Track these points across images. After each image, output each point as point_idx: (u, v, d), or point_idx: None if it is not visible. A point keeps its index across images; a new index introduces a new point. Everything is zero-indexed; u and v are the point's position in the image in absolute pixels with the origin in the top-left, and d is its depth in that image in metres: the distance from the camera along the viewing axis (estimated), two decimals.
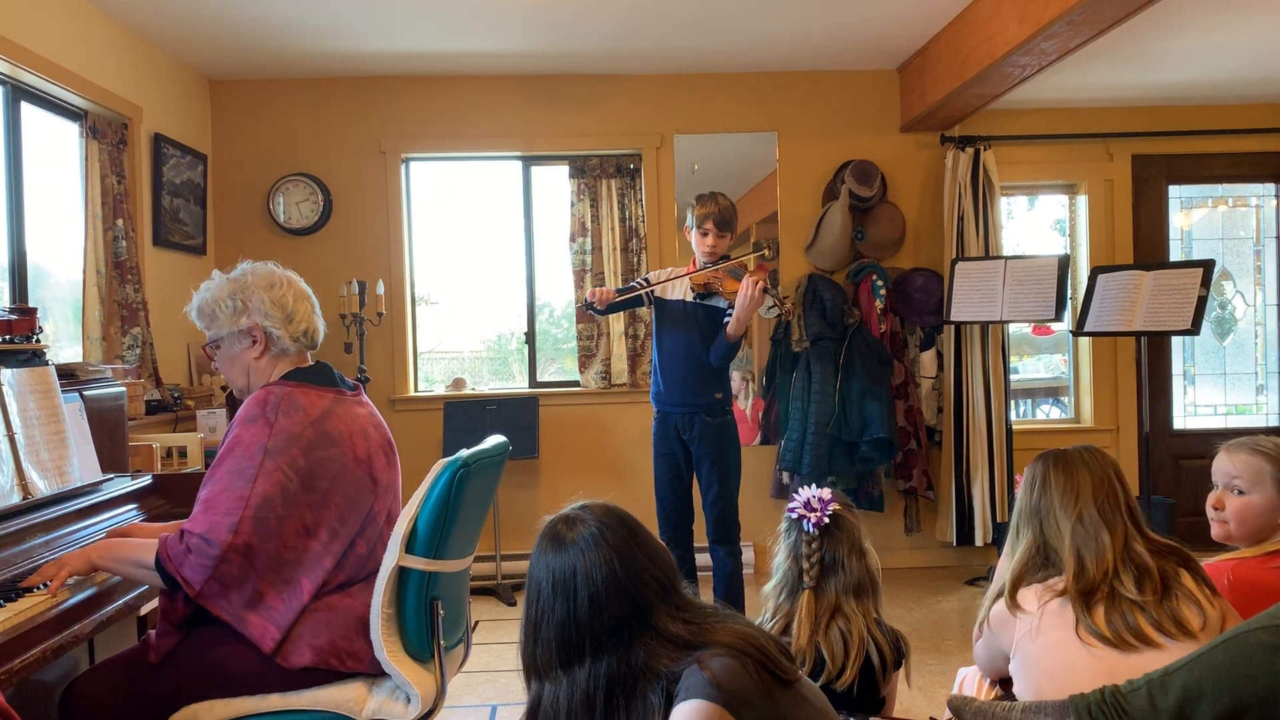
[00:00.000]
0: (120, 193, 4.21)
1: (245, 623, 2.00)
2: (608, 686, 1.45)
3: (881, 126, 5.49)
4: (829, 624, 2.02)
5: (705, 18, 4.51)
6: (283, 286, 2.21)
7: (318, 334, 2.28)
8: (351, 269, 5.28)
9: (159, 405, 4.19)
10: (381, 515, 2.21)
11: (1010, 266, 5.00)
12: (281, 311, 2.18)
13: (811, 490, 2.15)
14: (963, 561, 5.44)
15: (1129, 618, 1.78)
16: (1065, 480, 1.96)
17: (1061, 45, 3.92)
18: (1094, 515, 1.90)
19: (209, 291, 2.22)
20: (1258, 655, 1.31)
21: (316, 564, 2.06)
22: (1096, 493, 1.93)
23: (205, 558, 1.95)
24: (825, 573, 2.07)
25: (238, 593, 1.99)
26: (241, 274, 2.22)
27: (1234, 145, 5.69)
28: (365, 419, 2.23)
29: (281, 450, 2.02)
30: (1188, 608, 1.80)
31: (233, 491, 1.98)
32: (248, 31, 4.55)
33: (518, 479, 5.37)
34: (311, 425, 2.07)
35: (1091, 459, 1.98)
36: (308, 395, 2.12)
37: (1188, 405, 5.89)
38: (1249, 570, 2.02)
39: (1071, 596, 1.84)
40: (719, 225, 3.69)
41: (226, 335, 2.21)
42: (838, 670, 1.98)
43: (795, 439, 5.19)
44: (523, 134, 5.41)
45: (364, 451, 2.16)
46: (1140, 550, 1.87)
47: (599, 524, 1.53)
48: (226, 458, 2.03)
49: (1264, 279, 5.89)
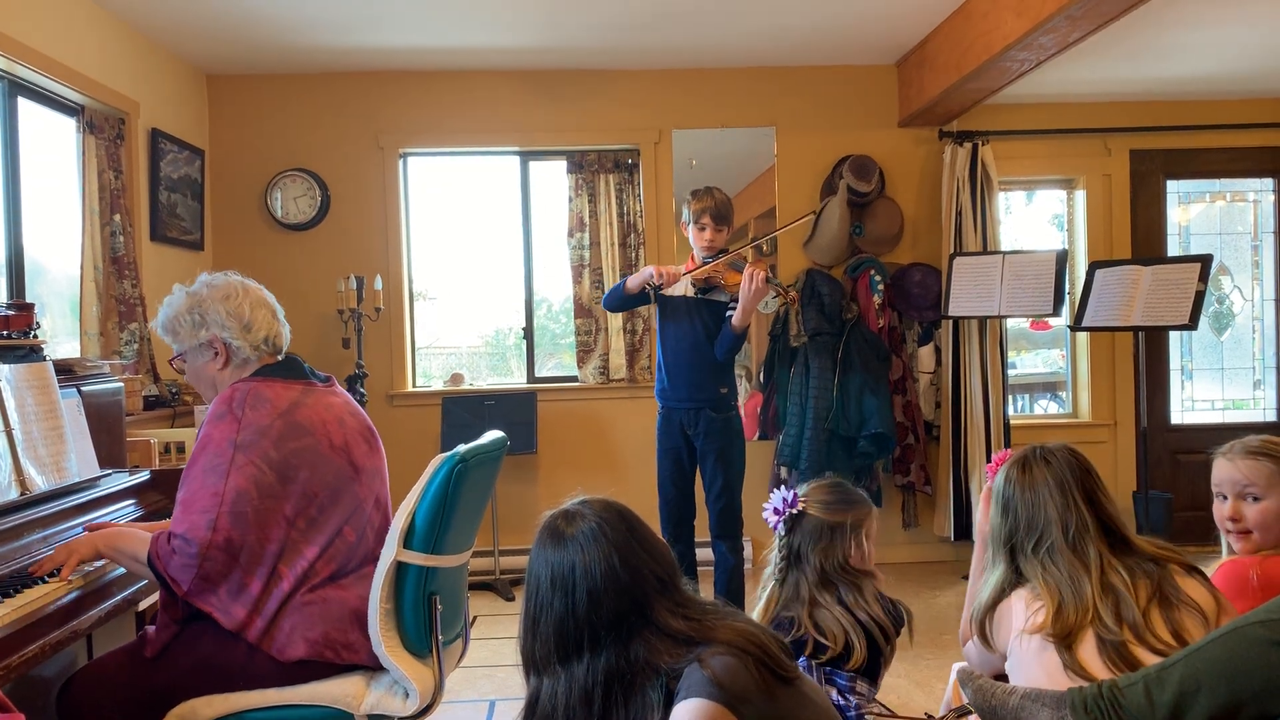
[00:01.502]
0: (117, 188, 4.20)
1: (234, 617, 2.02)
2: (606, 682, 1.45)
3: (879, 121, 5.48)
4: (811, 611, 2.14)
5: (703, 12, 4.50)
6: (238, 297, 2.23)
7: (280, 339, 2.29)
8: (349, 264, 5.27)
9: (157, 401, 4.19)
10: (368, 501, 2.22)
11: (1008, 261, 5.00)
12: (238, 322, 2.21)
13: (783, 492, 2.26)
14: (960, 556, 5.44)
15: (1117, 651, 1.70)
16: (1030, 513, 1.86)
17: (1060, 40, 3.92)
18: (1066, 556, 1.80)
19: (170, 308, 2.26)
20: (1255, 650, 1.32)
21: (295, 553, 2.07)
22: (1066, 529, 1.82)
23: (188, 557, 1.98)
24: (790, 567, 2.22)
25: (224, 587, 2.01)
26: (199, 287, 2.26)
27: (1232, 140, 5.69)
28: (340, 407, 2.25)
29: (252, 444, 2.04)
30: (1189, 618, 1.74)
31: (207, 489, 2.01)
32: (245, 26, 4.54)
33: (516, 474, 5.37)
34: (280, 417, 2.09)
35: (1059, 480, 1.86)
36: (274, 388, 2.14)
37: (1185, 400, 5.90)
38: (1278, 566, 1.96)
39: (1052, 640, 1.75)
40: (716, 219, 3.70)
41: (189, 349, 2.26)
42: (840, 650, 2.08)
43: (793, 434, 5.19)
44: (521, 129, 5.40)
45: (340, 439, 2.18)
46: (1115, 579, 1.77)
47: (598, 519, 1.53)
48: (199, 457, 2.06)
49: (1261, 274, 5.89)
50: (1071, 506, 1.84)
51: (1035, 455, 1.93)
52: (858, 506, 2.26)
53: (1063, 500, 1.85)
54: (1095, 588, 1.76)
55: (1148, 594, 1.76)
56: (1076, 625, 1.74)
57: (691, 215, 3.74)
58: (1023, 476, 1.91)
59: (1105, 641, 1.72)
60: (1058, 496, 1.86)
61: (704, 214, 3.70)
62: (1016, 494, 1.91)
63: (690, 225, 3.76)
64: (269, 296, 2.32)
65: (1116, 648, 1.71)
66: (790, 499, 2.24)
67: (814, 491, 2.27)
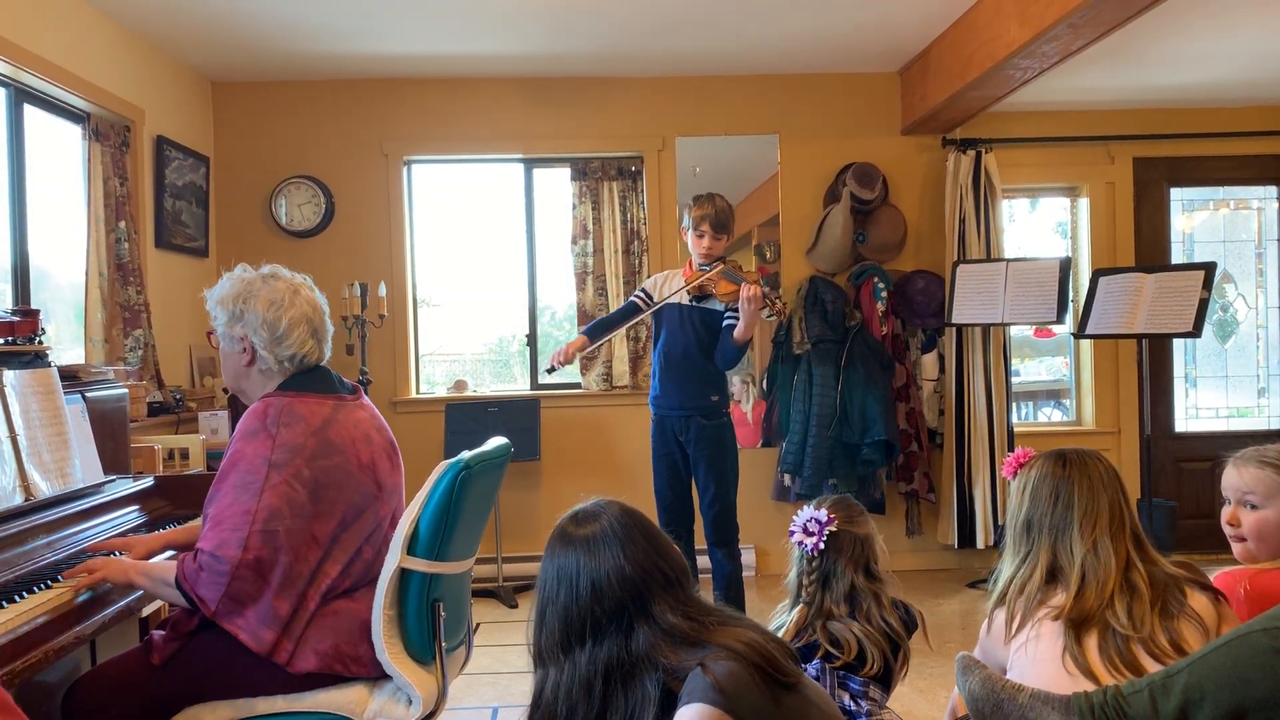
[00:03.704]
0: (122, 195, 4.21)
1: (263, 640, 1.98)
2: (606, 672, 1.47)
3: (883, 129, 5.49)
4: (826, 624, 2.13)
5: (706, 20, 4.51)
6: (282, 306, 2.15)
7: (313, 358, 2.22)
8: (353, 271, 5.28)
9: (161, 407, 4.20)
10: (386, 520, 2.21)
11: (1012, 269, 5.00)
12: (271, 333, 2.14)
13: (809, 511, 2.22)
14: (964, 564, 5.43)
15: (1121, 646, 1.74)
16: (1088, 501, 1.89)
17: (1062, 48, 3.92)
18: (1107, 544, 1.85)
19: (223, 287, 2.21)
20: (1259, 658, 1.31)
21: (321, 574, 2.06)
22: (1113, 519, 1.87)
23: (217, 575, 1.95)
24: (821, 588, 2.19)
25: (253, 609, 1.98)
26: (254, 279, 2.20)
27: (1235, 148, 5.69)
28: (367, 423, 2.23)
29: (286, 462, 2.02)
30: (1189, 629, 1.75)
31: (239, 506, 1.98)
32: (250, 34, 4.55)
33: (519, 481, 5.37)
34: (313, 435, 2.07)
35: (1107, 475, 1.92)
36: (307, 404, 2.11)
37: (1189, 408, 5.89)
38: (1270, 581, 1.97)
39: (1065, 622, 1.79)
40: (715, 227, 3.67)
41: (222, 334, 2.22)
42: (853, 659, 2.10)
43: (796, 441, 5.19)
44: (524, 136, 5.42)
45: (368, 457, 2.16)
46: (1137, 577, 1.82)
47: (613, 519, 1.55)
48: (230, 472, 2.03)
49: (1265, 281, 5.89)
50: (1119, 501, 1.90)
51: (1073, 453, 1.96)
52: (867, 515, 2.30)
53: (1112, 492, 1.90)
54: (1118, 579, 1.81)
55: (1156, 608, 1.78)
56: (1093, 611, 1.78)
57: (691, 221, 3.72)
58: (1066, 470, 1.94)
59: (1113, 634, 1.75)
60: (1109, 487, 1.91)
61: (704, 221, 3.67)
62: (1061, 483, 1.93)
63: (690, 231, 3.74)
64: (319, 310, 2.24)
65: (1121, 643, 1.73)
66: (823, 519, 2.20)
67: (831, 509, 2.25)
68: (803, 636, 2.14)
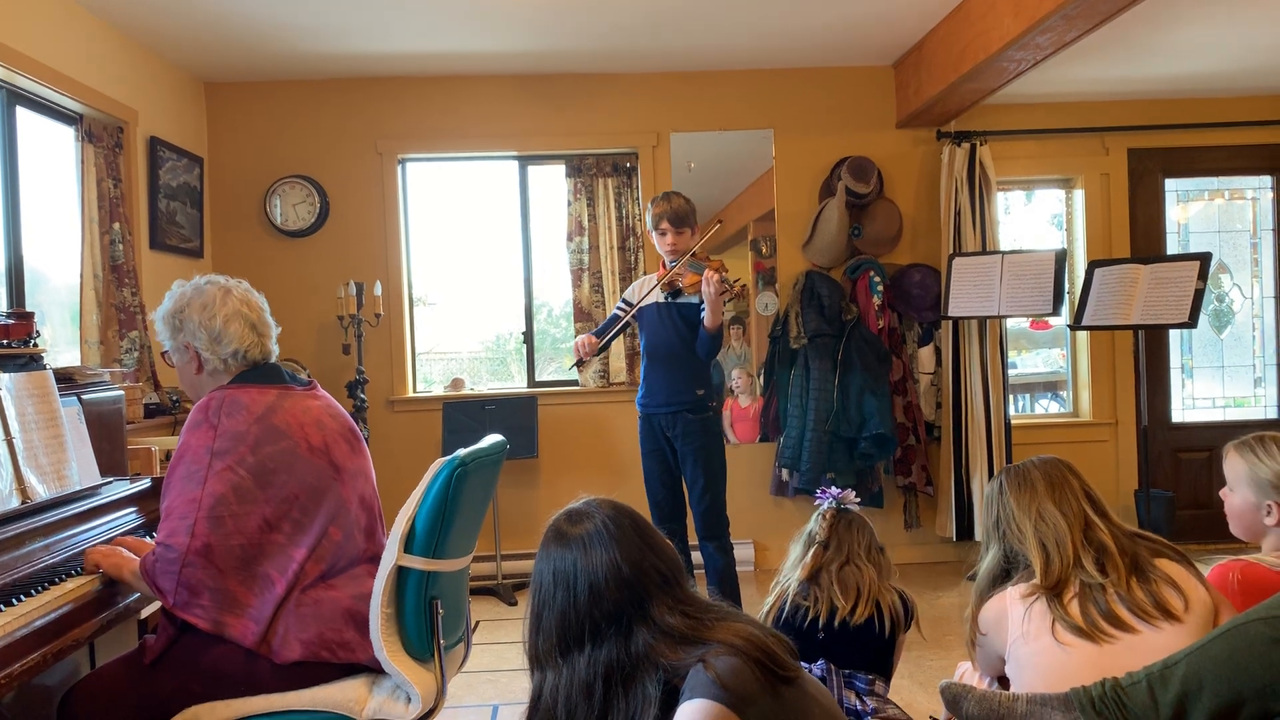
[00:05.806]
0: (116, 196, 4.20)
1: (224, 625, 2.02)
2: (606, 675, 1.46)
3: (877, 123, 5.49)
4: (842, 568, 2.27)
5: (700, 15, 4.51)
6: (214, 307, 2.23)
7: (256, 352, 2.27)
8: (349, 270, 5.27)
9: (157, 408, 4.19)
10: (352, 501, 2.22)
11: (1007, 261, 5.00)
12: (208, 334, 2.22)
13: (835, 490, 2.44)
14: (962, 556, 5.44)
15: (1101, 604, 1.81)
16: (1018, 484, 2.04)
17: (1056, 40, 3.92)
18: (1051, 510, 1.96)
19: (163, 305, 2.29)
20: (1256, 648, 1.32)
21: (283, 555, 2.07)
22: (1052, 489, 1.99)
23: (169, 564, 2.00)
24: (837, 537, 2.34)
25: (209, 596, 2.01)
26: (187, 290, 2.28)
27: (1230, 138, 5.69)
28: (319, 410, 2.25)
29: (229, 450, 2.05)
30: (1167, 590, 1.82)
31: (185, 495, 2.03)
32: (242, 34, 4.54)
33: (517, 479, 5.37)
34: (256, 422, 2.10)
35: (1044, 463, 2.05)
36: (249, 394, 2.16)
37: (1186, 398, 5.90)
38: (1260, 572, 2.02)
39: (1044, 593, 1.87)
40: (674, 221, 3.76)
41: (170, 349, 2.30)
42: (849, 610, 2.20)
43: (794, 436, 5.19)
44: (519, 133, 5.41)
45: (319, 441, 2.18)
46: (1100, 535, 1.91)
47: (605, 518, 1.55)
48: (177, 466, 2.07)
49: (1261, 271, 5.89)
50: (1059, 474, 2.03)
51: (1024, 460, 2.12)
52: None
53: (1049, 469, 2.04)
54: (1077, 537, 1.92)
55: (1127, 564, 1.88)
56: (1062, 573, 1.88)
57: (652, 221, 3.83)
58: (1003, 474, 2.12)
59: (1089, 590, 1.84)
60: (1042, 467, 2.05)
61: (662, 219, 3.77)
62: (1001, 482, 2.09)
63: (654, 233, 3.84)
64: (254, 307, 2.30)
65: (1099, 596, 1.82)
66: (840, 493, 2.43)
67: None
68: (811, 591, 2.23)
